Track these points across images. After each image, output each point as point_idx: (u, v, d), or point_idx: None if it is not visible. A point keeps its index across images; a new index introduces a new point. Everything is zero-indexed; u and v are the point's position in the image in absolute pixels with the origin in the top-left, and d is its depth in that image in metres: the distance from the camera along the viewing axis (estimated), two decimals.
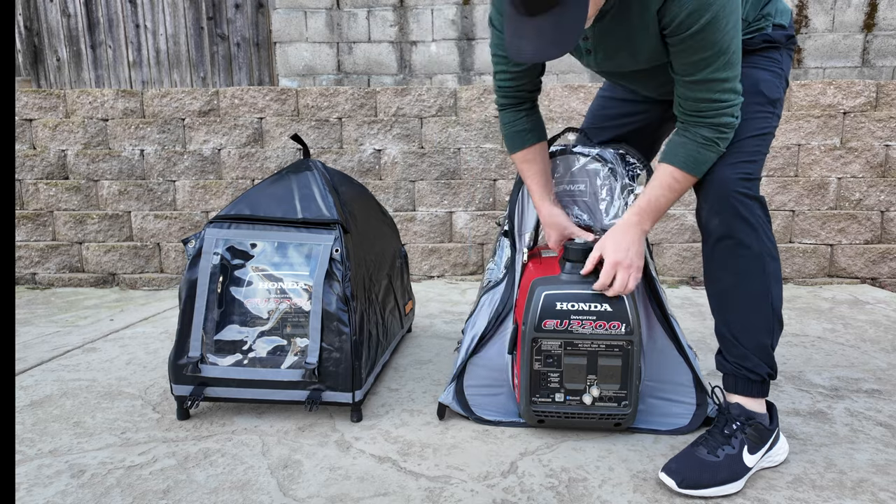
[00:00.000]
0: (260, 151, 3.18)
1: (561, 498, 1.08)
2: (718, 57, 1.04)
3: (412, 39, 3.71)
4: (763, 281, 1.15)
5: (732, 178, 1.13)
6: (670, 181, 1.16)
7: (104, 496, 1.10)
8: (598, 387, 1.22)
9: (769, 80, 1.18)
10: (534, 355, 1.23)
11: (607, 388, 1.22)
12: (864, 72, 3.54)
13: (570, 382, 1.23)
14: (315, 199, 1.45)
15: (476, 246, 3.18)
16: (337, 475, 1.16)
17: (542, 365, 1.23)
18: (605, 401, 1.23)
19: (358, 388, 1.38)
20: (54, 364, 1.85)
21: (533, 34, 0.93)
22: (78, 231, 3.24)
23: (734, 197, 1.12)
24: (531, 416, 1.27)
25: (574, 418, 1.26)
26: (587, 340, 1.20)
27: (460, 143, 3.12)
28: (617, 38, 1.14)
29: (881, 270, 3.01)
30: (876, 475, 1.15)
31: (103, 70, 3.92)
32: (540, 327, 1.21)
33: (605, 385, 1.22)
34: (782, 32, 1.20)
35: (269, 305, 1.38)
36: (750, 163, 1.15)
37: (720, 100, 1.09)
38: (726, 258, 1.17)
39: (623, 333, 1.19)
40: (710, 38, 1.02)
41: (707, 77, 1.07)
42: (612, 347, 1.20)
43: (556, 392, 1.24)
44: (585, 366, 1.22)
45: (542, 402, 1.25)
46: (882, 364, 1.79)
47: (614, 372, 1.21)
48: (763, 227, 1.15)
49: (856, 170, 2.97)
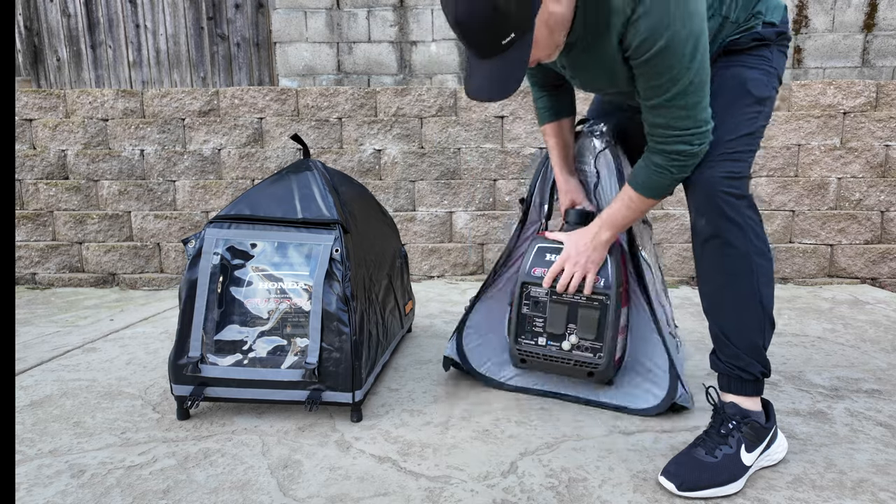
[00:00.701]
0: (260, 151, 3.18)
1: (561, 498, 1.08)
2: (674, 83, 1.05)
3: (412, 39, 3.71)
4: (751, 281, 1.15)
5: (717, 178, 1.13)
6: (627, 200, 1.25)
7: (104, 496, 1.10)
8: (577, 335, 1.36)
9: (757, 79, 1.18)
10: (523, 300, 1.40)
11: (585, 337, 1.35)
12: (864, 72, 3.54)
13: (552, 327, 1.38)
14: (315, 199, 1.45)
15: (476, 246, 3.18)
16: (337, 475, 1.16)
17: (530, 309, 1.40)
18: (581, 350, 1.36)
19: (358, 388, 1.38)
20: (54, 364, 1.85)
21: (484, 75, 1.02)
22: (78, 231, 3.24)
23: (719, 196, 1.12)
24: (515, 356, 1.43)
25: (553, 362, 1.40)
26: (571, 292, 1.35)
27: (460, 143, 3.12)
28: (589, 66, 1.17)
29: (881, 270, 3.01)
30: (876, 475, 1.15)
31: (103, 70, 3.92)
32: (530, 273, 1.39)
33: (583, 334, 1.35)
34: (772, 30, 1.19)
35: (269, 305, 1.38)
36: (736, 161, 1.14)
37: (675, 126, 1.10)
38: (714, 258, 1.17)
39: (601, 287, 1.33)
40: (664, 64, 1.03)
41: (662, 103, 1.08)
42: (592, 300, 1.34)
43: (540, 336, 1.40)
44: (566, 314, 1.36)
45: (527, 343, 1.41)
46: (882, 364, 1.79)
47: (591, 323, 1.34)
48: (751, 226, 1.14)
49: (856, 170, 2.97)
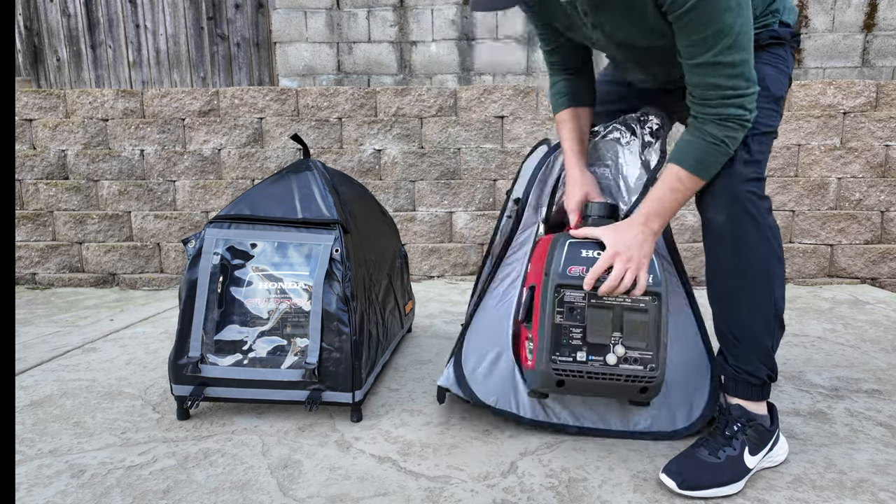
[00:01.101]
0: (260, 151, 3.18)
1: (561, 498, 1.08)
2: (720, 38, 0.98)
3: (412, 39, 3.70)
4: (767, 282, 1.14)
5: (744, 177, 1.11)
6: (675, 183, 1.12)
7: (104, 496, 1.10)
8: (623, 345, 1.10)
9: (774, 77, 1.16)
10: (556, 307, 1.11)
11: (633, 346, 1.10)
12: (864, 72, 3.54)
13: (594, 337, 1.10)
14: (315, 199, 1.45)
15: (476, 246, 3.18)
16: (337, 475, 1.16)
17: (565, 318, 1.11)
18: (630, 363, 1.10)
19: (358, 388, 1.38)
20: (54, 364, 1.85)
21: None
22: (78, 231, 3.24)
23: (745, 196, 1.11)
24: (550, 377, 1.12)
25: (598, 379, 1.11)
26: None
27: (460, 143, 3.12)
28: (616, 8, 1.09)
29: (881, 270, 3.01)
30: (876, 475, 1.15)
31: (103, 70, 3.92)
32: (565, 274, 1.11)
33: (631, 343, 1.10)
34: (788, 30, 1.19)
35: (269, 305, 1.38)
36: (757, 162, 1.13)
37: (725, 86, 1.03)
38: (732, 258, 1.15)
39: (652, 285, 1.10)
40: (705, 18, 0.97)
41: (709, 60, 1.01)
42: (638, 301, 1.10)
43: (579, 350, 1.11)
44: (610, 320, 1.10)
45: (563, 360, 1.11)
46: (882, 364, 1.78)
47: (641, 328, 1.10)
48: (770, 229, 1.13)
49: (856, 170, 2.97)
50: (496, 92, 3.08)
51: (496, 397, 1.34)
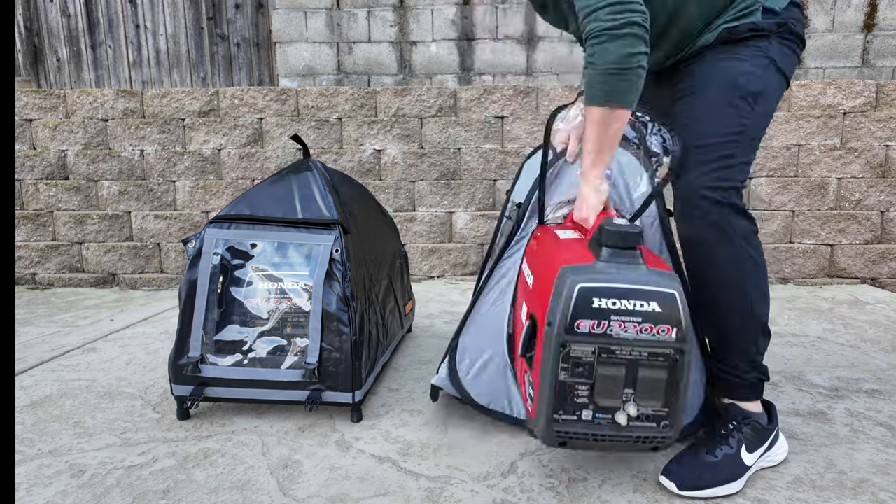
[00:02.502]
0: (260, 151, 3.18)
1: (561, 498, 1.08)
2: None
3: (412, 39, 3.70)
4: (742, 290, 1.11)
5: (700, 186, 1.08)
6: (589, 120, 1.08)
7: (104, 496, 1.10)
8: (636, 403, 0.98)
9: (749, 72, 1.10)
10: (560, 363, 0.98)
11: (646, 405, 0.98)
12: (864, 72, 3.54)
13: (602, 397, 0.98)
14: (315, 200, 1.45)
15: (476, 246, 3.18)
16: (337, 475, 1.16)
17: (570, 375, 0.98)
18: (642, 420, 0.98)
19: (358, 388, 1.38)
20: (54, 364, 1.85)
21: None
22: (78, 231, 3.24)
23: (703, 204, 1.08)
24: (551, 438, 1.02)
25: (604, 441, 1.01)
26: (628, 347, 0.96)
27: (460, 144, 3.12)
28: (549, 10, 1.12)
29: (881, 271, 3.01)
30: (876, 475, 1.15)
31: (103, 70, 3.92)
32: (572, 329, 0.95)
33: (645, 402, 0.98)
34: (772, 20, 1.10)
35: (269, 305, 1.38)
36: (722, 168, 1.08)
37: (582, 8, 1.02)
38: (701, 267, 1.13)
39: (673, 340, 0.95)
40: None
41: None
42: (657, 356, 0.96)
43: (584, 408, 0.99)
44: (623, 377, 0.97)
45: (567, 420, 1.00)
46: (882, 364, 1.78)
47: (657, 386, 0.97)
48: (739, 233, 1.10)
49: (856, 170, 2.97)
50: (496, 92, 3.08)
51: (489, 398, 1.34)
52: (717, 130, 1.09)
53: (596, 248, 1.02)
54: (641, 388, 0.97)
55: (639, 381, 0.97)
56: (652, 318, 0.95)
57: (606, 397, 0.98)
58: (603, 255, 1.00)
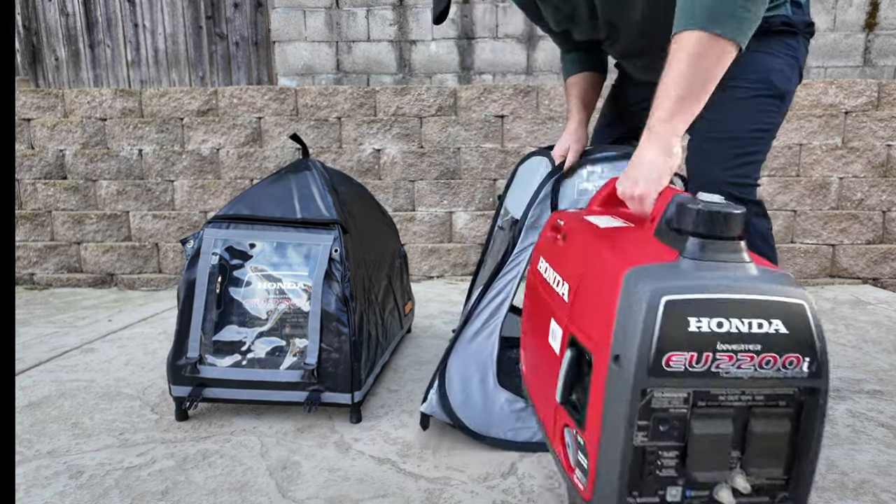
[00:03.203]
0: (259, 151, 3.17)
1: (561, 499, 1.07)
2: None
3: (412, 38, 3.70)
4: None
5: (722, 181, 1.05)
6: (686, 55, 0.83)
7: (102, 497, 1.09)
8: (745, 471, 0.67)
9: (781, 70, 1.07)
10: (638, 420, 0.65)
11: (760, 472, 0.67)
12: (865, 71, 3.53)
13: (699, 468, 0.66)
14: (314, 199, 1.44)
15: (476, 246, 3.17)
16: (336, 476, 1.16)
17: (652, 437, 0.66)
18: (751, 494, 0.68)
19: (357, 388, 1.37)
20: (52, 365, 1.84)
21: None
22: (76, 231, 3.23)
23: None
24: None
25: None
26: (738, 389, 0.65)
27: (460, 143, 3.11)
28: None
29: (883, 271, 3.00)
30: (878, 476, 1.14)
31: (101, 69, 3.91)
32: (659, 367, 0.63)
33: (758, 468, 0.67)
34: (801, 17, 1.08)
35: (268, 306, 1.37)
36: (745, 165, 1.06)
37: None
38: None
39: (804, 375, 0.66)
40: None
41: None
42: (778, 399, 0.66)
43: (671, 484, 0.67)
44: (730, 435, 0.66)
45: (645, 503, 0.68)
46: (884, 365, 1.78)
47: (777, 444, 0.67)
48: (758, 233, 1.08)
49: (857, 170, 2.96)
50: (496, 91, 3.08)
51: (485, 426, 1.27)
52: (745, 126, 1.06)
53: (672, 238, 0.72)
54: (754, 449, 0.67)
55: (751, 439, 0.66)
56: (776, 345, 0.65)
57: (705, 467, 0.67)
58: (689, 250, 0.68)
